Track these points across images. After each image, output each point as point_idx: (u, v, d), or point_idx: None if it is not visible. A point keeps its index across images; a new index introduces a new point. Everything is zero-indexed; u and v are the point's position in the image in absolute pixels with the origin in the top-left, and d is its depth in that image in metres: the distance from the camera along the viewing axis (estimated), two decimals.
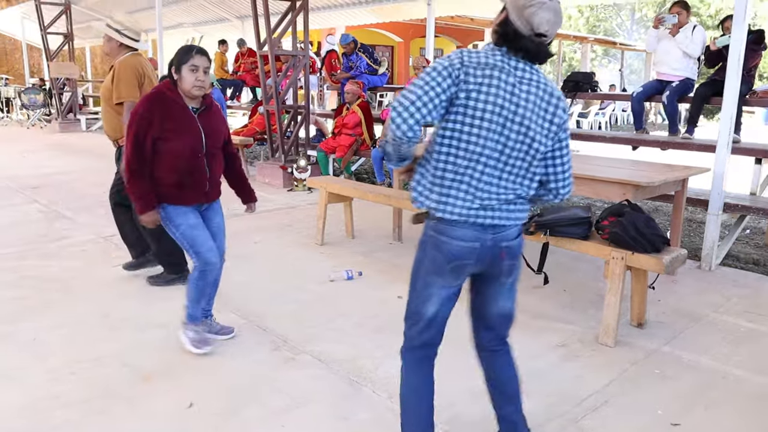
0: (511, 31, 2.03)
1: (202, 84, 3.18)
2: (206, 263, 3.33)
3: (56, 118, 16.03)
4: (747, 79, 5.81)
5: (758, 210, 5.15)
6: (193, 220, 3.31)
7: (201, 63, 3.16)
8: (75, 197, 7.31)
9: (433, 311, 2.28)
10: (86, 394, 2.96)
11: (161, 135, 3.18)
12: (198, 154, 3.27)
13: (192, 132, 3.24)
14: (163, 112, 3.18)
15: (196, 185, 3.31)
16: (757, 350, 3.60)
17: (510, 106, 2.03)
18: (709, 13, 28.82)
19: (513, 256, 2.23)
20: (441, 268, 2.19)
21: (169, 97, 3.21)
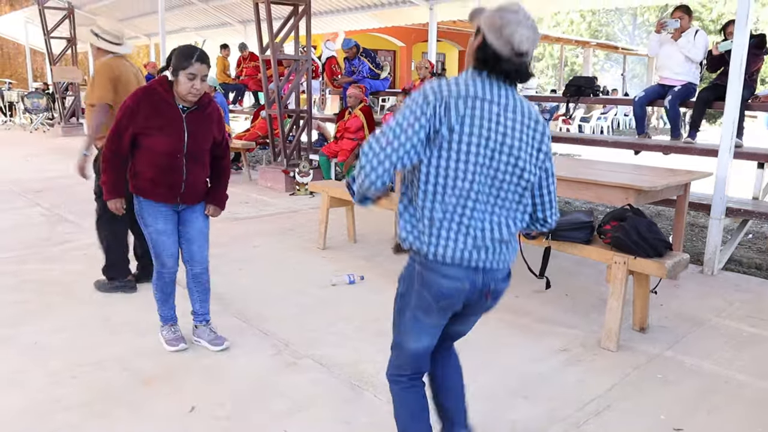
0: (490, 54, 1.92)
1: (198, 92, 3.16)
2: (162, 265, 3.39)
3: (59, 122, 16.07)
4: (749, 83, 5.80)
5: (761, 214, 5.14)
6: (161, 226, 3.32)
7: (199, 72, 3.12)
8: (77, 201, 7.31)
9: (420, 346, 2.22)
10: (87, 398, 2.96)
11: (143, 130, 3.17)
12: (177, 154, 3.22)
13: (175, 132, 3.20)
14: (150, 108, 3.16)
15: (171, 185, 3.26)
16: (759, 355, 3.59)
17: (497, 136, 1.93)
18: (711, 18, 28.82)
19: (496, 297, 2.14)
20: (429, 307, 2.08)
21: (159, 93, 3.18)
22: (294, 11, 8.30)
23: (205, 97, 3.32)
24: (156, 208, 3.29)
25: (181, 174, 3.26)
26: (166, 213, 3.33)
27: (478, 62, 1.97)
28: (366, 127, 8.31)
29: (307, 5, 8.26)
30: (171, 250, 3.38)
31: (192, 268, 3.47)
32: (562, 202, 8.18)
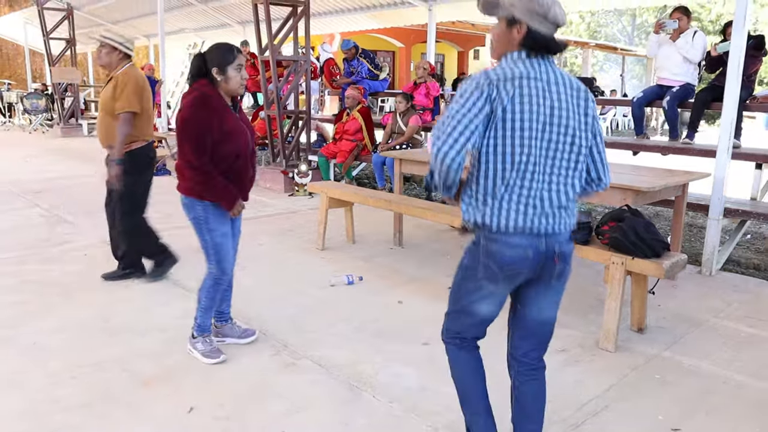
0: (540, 40, 2.07)
1: (245, 82, 3.24)
2: (223, 273, 3.37)
3: (58, 123, 16.07)
4: (747, 84, 5.81)
5: (759, 215, 5.15)
6: (226, 229, 3.33)
7: (243, 61, 3.20)
8: (77, 202, 7.33)
9: (487, 311, 2.30)
10: (86, 399, 2.97)
11: (221, 138, 3.14)
12: (247, 154, 3.31)
13: (242, 133, 3.27)
14: (219, 116, 3.15)
15: (243, 186, 3.34)
16: (757, 355, 3.60)
17: (546, 110, 2.05)
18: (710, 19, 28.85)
19: (564, 260, 2.22)
20: (495, 276, 2.17)
21: (217, 99, 3.17)
22: (293, 12, 8.30)
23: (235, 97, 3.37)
24: (223, 212, 3.28)
25: (248, 171, 3.36)
26: (228, 216, 3.32)
27: (528, 48, 2.09)
28: (364, 128, 8.32)
29: (306, 6, 8.27)
30: (230, 254, 3.39)
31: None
32: None
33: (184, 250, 5.39)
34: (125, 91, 4.19)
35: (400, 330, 3.85)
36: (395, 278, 4.82)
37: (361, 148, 8.34)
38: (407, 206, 5.07)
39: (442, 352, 3.47)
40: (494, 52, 2.20)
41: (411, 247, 5.71)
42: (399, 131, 8.12)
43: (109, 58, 4.30)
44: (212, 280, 3.37)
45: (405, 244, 5.77)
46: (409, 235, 6.02)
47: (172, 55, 16.34)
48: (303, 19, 8.35)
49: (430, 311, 4.15)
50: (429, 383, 3.17)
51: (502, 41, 2.13)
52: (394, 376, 3.25)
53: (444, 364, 3.35)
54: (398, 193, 5.80)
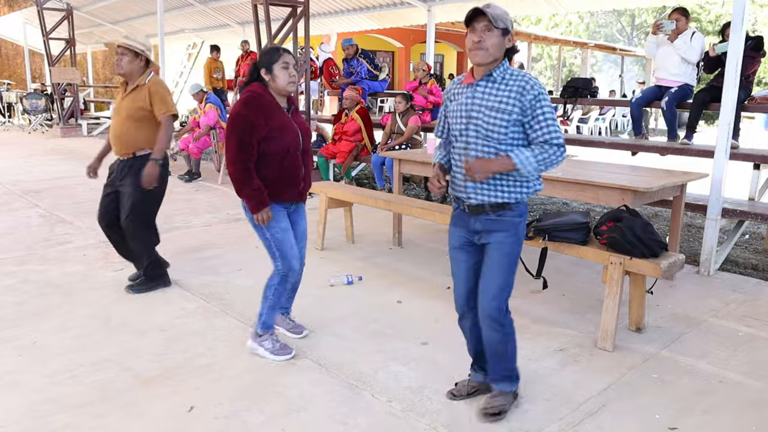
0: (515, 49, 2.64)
1: (295, 79, 3.30)
2: (290, 269, 3.41)
3: (58, 123, 16.07)
4: (745, 85, 5.82)
5: (756, 215, 5.17)
6: (285, 224, 3.38)
7: (291, 60, 3.28)
8: (76, 202, 7.33)
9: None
10: (86, 398, 2.98)
11: (267, 135, 3.22)
12: (297, 152, 3.37)
13: (291, 130, 3.33)
14: (266, 113, 3.23)
15: (294, 183, 3.40)
16: (755, 355, 3.61)
17: None
18: (709, 19, 28.90)
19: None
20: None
21: (266, 98, 3.27)
22: (292, 12, 8.32)
23: (291, 98, 3.45)
24: (276, 210, 3.34)
25: (300, 170, 3.42)
26: (283, 213, 3.40)
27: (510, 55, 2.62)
28: (363, 129, 8.33)
29: (306, 7, 8.28)
30: (294, 250, 3.42)
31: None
32: (560, 203, 8.21)
33: (183, 250, 5.42)
34: (164, 95, 4.25)
35: (400, 329, 3.87)
36: (394, 278, 4.83)
37: (360, 148, 8.36)
38: (406, 206, 5.08)
39: (442, 352, 3.51)
40: (489, 56, 2.53)
41: (410, 247, 5.72)
42: (398, 131, 8.13)
43: (131, 66, 4.22)
44: (279, 277, 3.41)
45: (404, 244, 5.78)
46: (409, 235, 6.03)
47: (171, 56, 16.32)
48: (302, 20, 8.36)
49: (430, 311, 4.16)
50: (428, 382, 3.18)
51: (498, 48, 2.53)
52: (394, 376, 3.26)
53: (444, 363, 3.38)
54: (398, 193, 5.81)
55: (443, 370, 3.33)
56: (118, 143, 4.30)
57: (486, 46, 2.51)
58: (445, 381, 3.19)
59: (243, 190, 3.24)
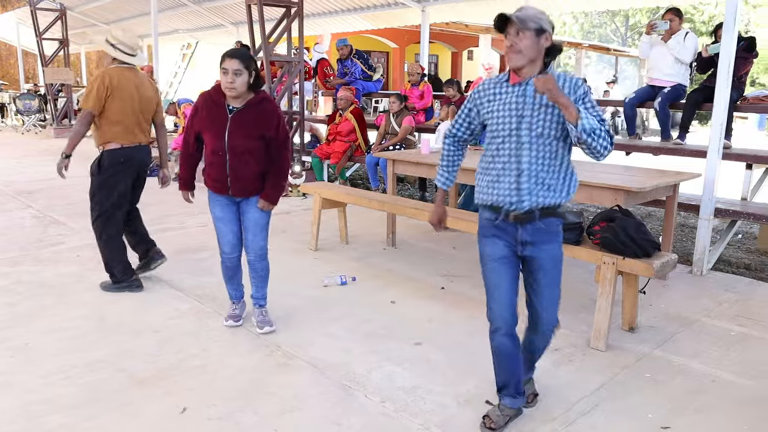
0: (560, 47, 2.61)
1: (231, 86, 3.38)
2: (221, 251, 3.78)
3: (51, 124, 16.02)
4: (738, 85, 5.85)
5: (749, 215, 5.19)
6: (218, 213, 3.69)
7: (229, 66, 3.36)
8: (69, 203, 7.31)
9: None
10: (79, 399, 2.97)
11: (200, 128, 3.57)
12: (219, 151, 3.51)
13: (217, 130, 3.49)
14: (203, 110, 3.55)
15: (218, 178, 3.59)
16: (747, 354, 3.63)
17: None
18: (703, 20, 29.00)
19: None
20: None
21: (212, 96, 3.53)
22: (286, 13, 8.31)
23: (256, 97, 3.53)
24: (214, 198, 3.69)
25: (223, 170, 3.55)
26: (223, 202, 3.67)
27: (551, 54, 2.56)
28: (358, 129, 8.33)
29: (300, 7, 8.28)
30: (227, 237, 3.73)
31: (247, 255, 3.78)
32: None
33: (177, 251, 5.41)
34: (87, 89, 4.29)
35: (393, 330, 3.87)
36: (388, 278, 4.83)
37: (354, 148, 8.35)
38: (400, 207, 5.08)
39: (435, 352, 3.52)
40: (523, 58, 2.50)
41: (404, 248, 5.72)
42: (392, 132, 8.14)
43: (109, 59, 4.43)
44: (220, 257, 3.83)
45: (398, 245, 5.78)
46: (403, 236, 6.04)
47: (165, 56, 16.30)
48: (296, 20, 8.36)
49: (423, 311, 4.17)
50: (421, 382, 3.18)
51: (534, 49, 2.49)
52: (387, 376, 3.26)
53: (437, 363, 3.39)
54: (391, 194, 5.81)
55: (437, 370, 3.33)
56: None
57: (519, 49, 2.49)
58: (438, 381, 3.20)
59: (179, 171, 3.77)
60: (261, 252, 3.76)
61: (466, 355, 3.50)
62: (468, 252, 5.50)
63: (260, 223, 3.70)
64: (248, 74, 3.41)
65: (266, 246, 3.79)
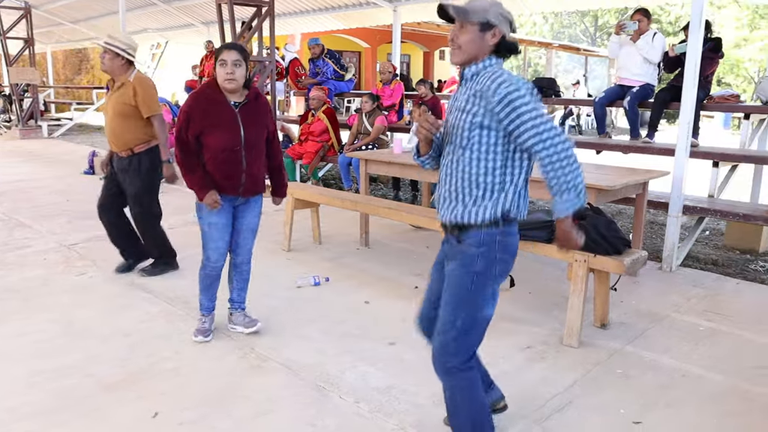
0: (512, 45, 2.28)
1: (231, 77, 3.29)
2: (207, 258, 3.58)
3: (17, 125, 15.68)
4: (704, 84, 5.95)
5: (716, 212, 5.28)
6: (214, 219, 3.49)
7: (228, 57, 3.28)
8: (36, 205, 7.16)
9: (492, 312, 2.37)
10: (47, 406, 2.90)
11: (203, 130, 3.35)
12: (235, 147, 3.39)
13: (230, 126, 3.37)
14: (202, 110, 3.36)
15: (230, 178, 3.43)
16: (715, 349, 3.69)
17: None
18: (670, 20, 29.49)
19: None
20: (508, 269, 2.34)
21: (208, 94, 3.38)
22: (257, 12, 8.24)
23: (251, 92, 3.47)
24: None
25: (240, 166, 3.43)
26: (224, 207, 3.50)
27: (503, 53, 2.27)
28: (330, 129, 8.30)
29: (271, 6, 8.21)
30: (217, 244, 3.55)
31: (235, 257, 3.68)
32: None
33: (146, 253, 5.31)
34: (146, 96, 4.44)
35: (367, 330, 3.86)
36: (362, 278, 4.82)
37: (327, 148, 8.32)
38: (373, 206, 5.07)
39: (409, 351, 3.51)
40: (462, 54, 2.25)
41: (378, 248, 5.71)
42: (365, 132, 8.12)
43: (111, 64, 4.43)
44: (201, 263, 3.62)
45: (371, 245, 5.77)
46: (376, 236, 6.03)
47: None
48: (267, 20, 8.29)
49: (397, 311, 4.16)
50: (396, 382, 3.18)
51: (475, 45, 2.22)
52: (361, 376, 3.25)
53: (411, 363, 3.38)
54: (364, 194, 5.80)
55: (411, 369, 3.33)
56: (114, 140, 4.51)
57: (459, 44, 2.24)
58: (412, 381, 3.20)
59: (187, 181, 3.43)
60: (249, 255, 3.72)
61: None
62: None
63: (253, 227, 3.67)
64: (245, 67, 3.37)
65: (252, 249, 3.75)
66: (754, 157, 5.88)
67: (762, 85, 6.01)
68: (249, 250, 3.71)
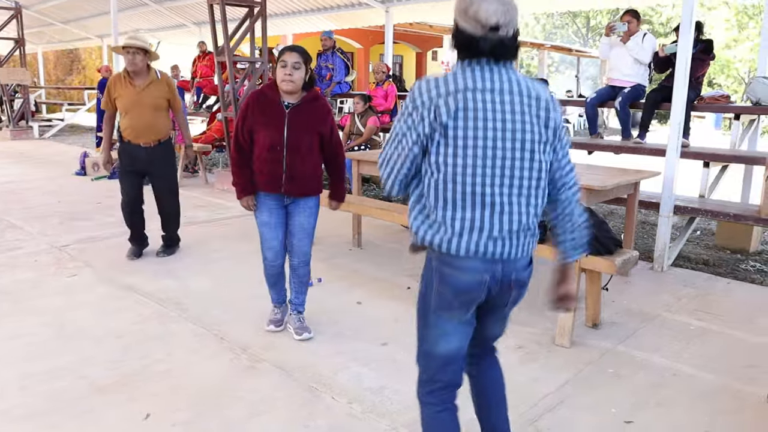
0: (466, 38, 1.89)
1: (290, 79, 3.34)
2: (264, 258, 3.70)
3: (7, 126, 15.60)
4: (695, 85, 5.99)
5: (707, 212, 5.31)
6: (265, 218, 3.59)
7: (289, 59, 3.34)
8: (27, 206, 7.13)
9: (450, 348, 2.08)
10: (37, 408, 2.89)
11: (252, 128, 3.47)
12: (276, 146, 3.43)
13: (275, 126, 3.42)
14: (256, 107, 3.47)
15: (270, 176, 3.48)
16: (706, 348, 3.71)
17: (496, 123, 1.88)
18: (660, 21, 29.63)
19: (521, 286, 2.08)
20: (450, 304, 2.00)
21: (266, 93, 3.48)
22: (249, 13, 8.23)
23: (309, 94, 3.50)
24: (263, 201, 3.57)
25: (280, 166, 3.46)
26: (272, 205, 3.57)
27: (459, 50, 1.93)
28: None
29: (263, 7, 8.20)
30: (270, 243, 3.63)
31: (291, 259, 3.70)
32: None
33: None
34: (176, 90, 5.08)
35: (360, 331, 3.86)
36: (354, 279, 4.82)
37: None
38: (366, 207, 5.08)
39: (401, 352, 3.52)
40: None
41: (370, 248, 5.72)
42: (357, 132, 8.13)
43: (143, 64, 4.83)
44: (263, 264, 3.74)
45: (364, 245, 5.77)
46: (368, 236, 6.03)
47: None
48: (259, 20, 8.28)
49: (389, 312, 4.17)
50: (388, 383, 3.18)
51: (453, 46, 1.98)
52: (354, 377, 3.25)
53: (404, 363, 3.39)
54: (357, 194, 5.80)
55: (404, 369, 3.33)
56: (149, 132, 4.92)
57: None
58: (405, 381, 3.20)
59: (233, 177, 3.58)
60: (305, 257, 3.70)
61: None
62: None
63: (307, 228, 3.65)
64: (305, 69, 3.41)
65: (310, 251, 3.73)
66: (745, 157, 5.92)
67: (752, 86, 6.04)
68: (305, 252, 3.69)
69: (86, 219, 6.60)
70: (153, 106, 4.89)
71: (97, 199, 7.59)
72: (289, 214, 3.62)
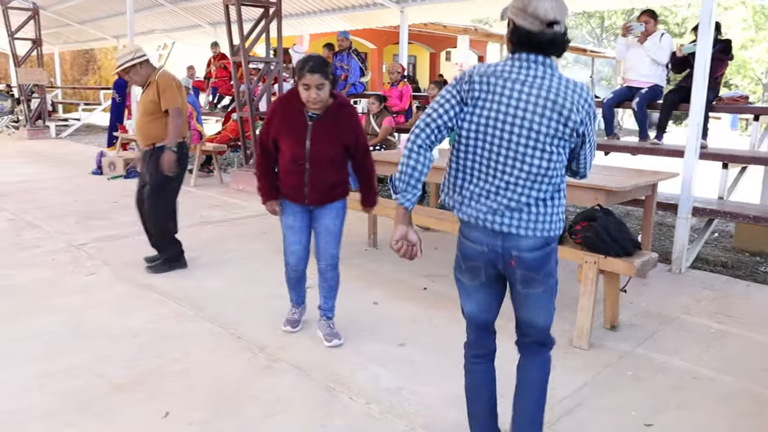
0: (523, 34, 2.08)
1: (315, 101, 3.24)
2: (286, 262, 3.69)
3: (24, 125, 15.75)
4: (713, 85, 5.92)
5: (726, 214, 5.26)
6: (290, 222, 3.57)
7: (311, 82, 3.19)
8: (44, 205, 7.19)
9: (469, 309, 2.40)
10: (57, 407, 2.91)
11: (277, 135, 3.41)
12: (299, 160, 3.37)
13: (297, 138, 3.35)
14: (282, 114, 3.39)
15: (292, 186, 3.47)
16: (726, 351, 3.67)
17: (515, 111, 2.08)
18: (676, 21, 29.41)
19: (526, 267, 2.19)
20: (459, 266, 2.32)
21: (291, 100, 3.36)
22: (264, 13, 8.25)
23: (335, 102, 3.38)
24: (287, 205, 3.56)
25: (301, 178, 3.41)
26: (296, 210, 3.55)
27: (515, 45, 2.13)
28: None
29: (278, 7, 8.22)
30: (293, 248, 3.61)
31: (318, 262, 3.64)
32: None
33: None
34: (167, 88, 4.62)
35: (377, 331, 3.85)
36: (371, 279, 4.81)
37: None
38: (381, 207, 5.05)
39: (419, 353, 3.51)
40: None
41: (386, 249, 5.70)
42: (372, 133, 8.12)
43: (139, 76, 4.65)
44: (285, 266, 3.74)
45: (380, 245, 5.77)
46: (384, 236, 6.01)
47: None
48: (275, 21, 8.30)
49: (406, 312, 4.16)
50: (406, 383, 3.17)
51: (506, 41, 2.19)
52: (371, 377, 3.25)
53: (421, 364, 3.39)
54: None
55: (421, 370, 3.32)
56: (139, 136, 4.81)
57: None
58: (423, 382, 3.19)
59: (258, 182, 3.59)
60: (332, 260, 3.62)
61: (450, 355, 3.49)
62: (449, 252, 5.50)
63: (332, 230, 3.57)
64: (330, 83, 3.27)
65: (338, 255, 3.64)
66: (764, 158, 5.85)
67: None
68: (332, 255, 3.61)
69: (103, 218, 6.64)
70: (143, 110, 4.70)
71: (113, 199, 7.64)
72: (314, 217, 3.57)
